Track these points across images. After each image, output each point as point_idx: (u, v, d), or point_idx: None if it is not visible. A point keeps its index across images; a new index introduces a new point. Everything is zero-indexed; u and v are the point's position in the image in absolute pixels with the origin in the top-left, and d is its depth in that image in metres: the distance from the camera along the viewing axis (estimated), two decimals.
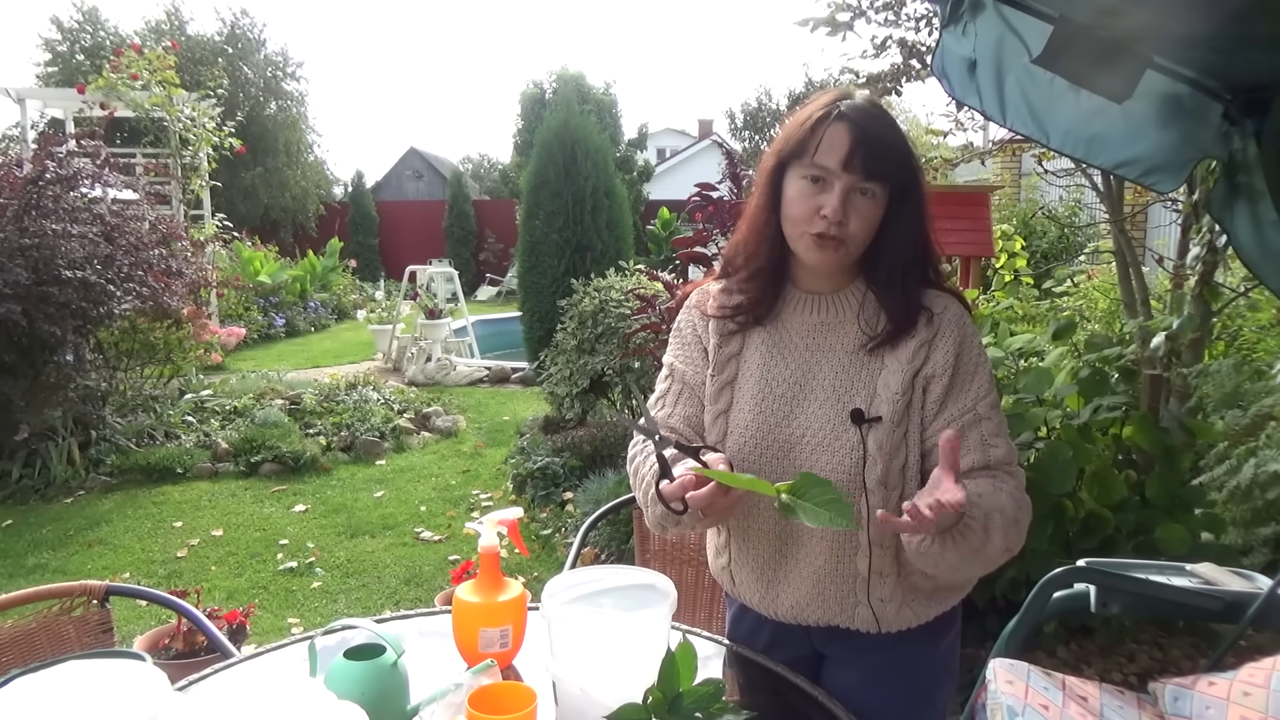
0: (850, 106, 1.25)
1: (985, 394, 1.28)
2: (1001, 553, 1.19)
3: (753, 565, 1.40)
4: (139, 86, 7.76)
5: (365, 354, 10.51)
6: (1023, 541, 1.22)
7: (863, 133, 1.23)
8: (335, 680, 1.17)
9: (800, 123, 1.28)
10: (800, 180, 1.27)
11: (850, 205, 1.24)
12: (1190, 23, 1.63)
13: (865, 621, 1.33)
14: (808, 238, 1.27)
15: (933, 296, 1.32)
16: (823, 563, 1.31)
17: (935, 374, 1.28)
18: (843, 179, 1.23)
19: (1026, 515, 1.23)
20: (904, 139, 1.28)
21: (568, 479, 4.92)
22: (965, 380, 1.28)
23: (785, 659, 1.42)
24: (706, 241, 4.34)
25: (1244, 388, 3.42)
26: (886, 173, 1.24)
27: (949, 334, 1.29)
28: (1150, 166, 1.83)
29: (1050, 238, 8.32)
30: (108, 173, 5.62)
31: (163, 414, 6.12)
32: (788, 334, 1.36)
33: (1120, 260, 3.93)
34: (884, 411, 1.27)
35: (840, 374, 1.31)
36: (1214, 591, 1.80)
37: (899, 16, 3.89)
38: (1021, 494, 1.24)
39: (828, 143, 1.24)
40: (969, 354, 1.29)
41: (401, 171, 31.74)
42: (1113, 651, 2.97)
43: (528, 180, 7.13)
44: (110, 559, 4.26)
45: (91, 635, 1.84)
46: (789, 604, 1.37)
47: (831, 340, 1.34)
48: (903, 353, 1.29)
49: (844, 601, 1.33)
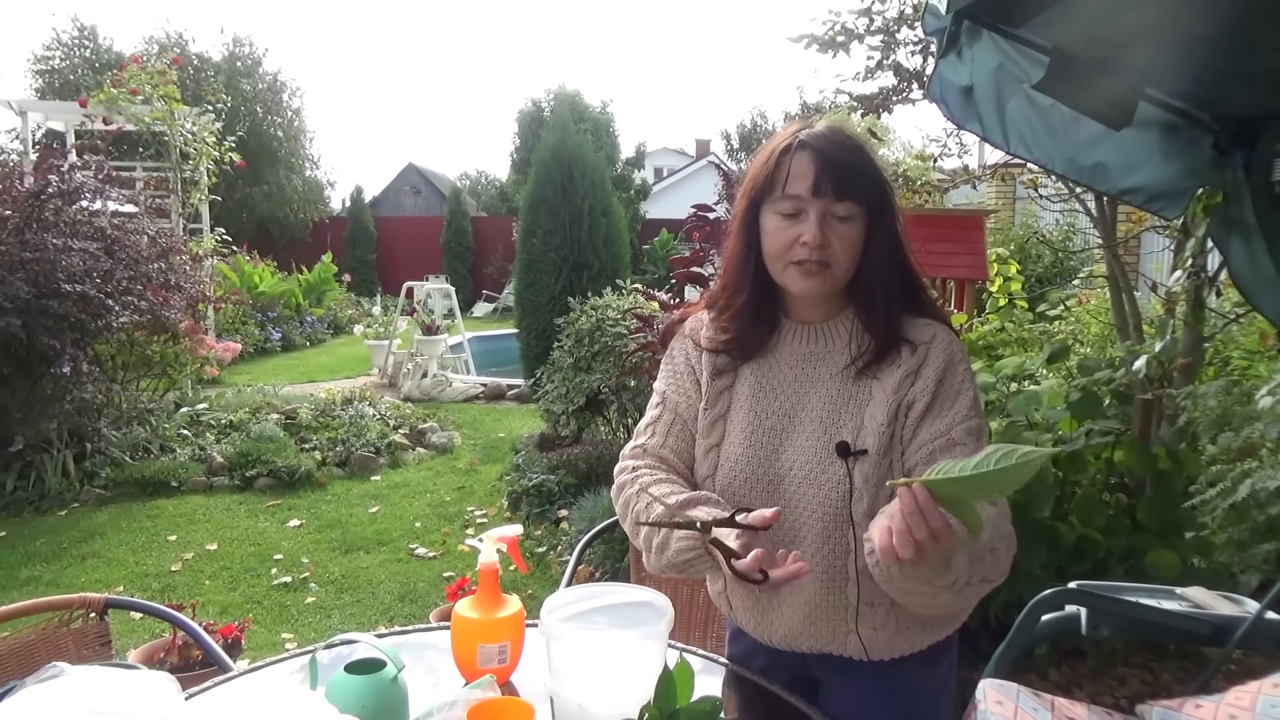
0: (810, 135, 1.27)
1: (963, 419, 1.26)
2: (972, 584, 1.15)
3: (746, 592, 1.40)
4: (140, 100, 7.80)
5: (361, 369, 10.51)
6: (1002, 572, 1.19)
7: (825, 157, 1.24)
8: (336, 694, 1.19)
9: (764, 160, 1.30)
10: (775, 216, 1.28)
11: (829, 230, 1.25)
12: (1178, 56, 1.68)
13: (856, 650, 1.34)
14: (791, 268, 1.27)
15: (920, 325, 1.31)
16: (813, 593, 1.31)
17: (916, 398, 1.27)
18: (816, 204, 1.24)
19: (1006, 545, 1.19)
20: (869, 159, 1.29)
21: (563, 496, 4.93)
22: (945, 404, 1.26)
23: (781, 681, 1.43)
24: (703, 261, 4.38)
25: (1233, 411, 3.45)
26: (857, 192, 1.25)
27: (934, 360, 1.28)
28: (1153, 194, 1.87)
29: (1044, 262, 8.38)
30: (108, 187, 5.64)
31: (158, 427, 6.12)
32: (778, 366, 1.36)
33: (1113, 285, 3.96)
34: (870, 444, 1.26)
35: (828, 405, 1.31)
36: (1202, 615, 1.82)
37: (893, 40, 3.96)
38: (1004, 520, 1.21)
39: (794, 173, 1.25)
40: (952, 378, 1.28)
41: (399, 187, 31.85)
42: (1104, 674, 2.98)
43: (525, 198, 7.18)
44: (104, 572, 4.25)
45: (90, 648, 1.85)
46: (782, 631, 1.38)
47: (820, 370, 1.33)
48: (889, 382, 1.28)
49: (835, 630, 1.33)
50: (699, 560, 1.21)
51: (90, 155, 5.78)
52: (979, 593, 1.18)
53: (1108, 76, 1.75)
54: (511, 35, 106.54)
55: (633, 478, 1.37)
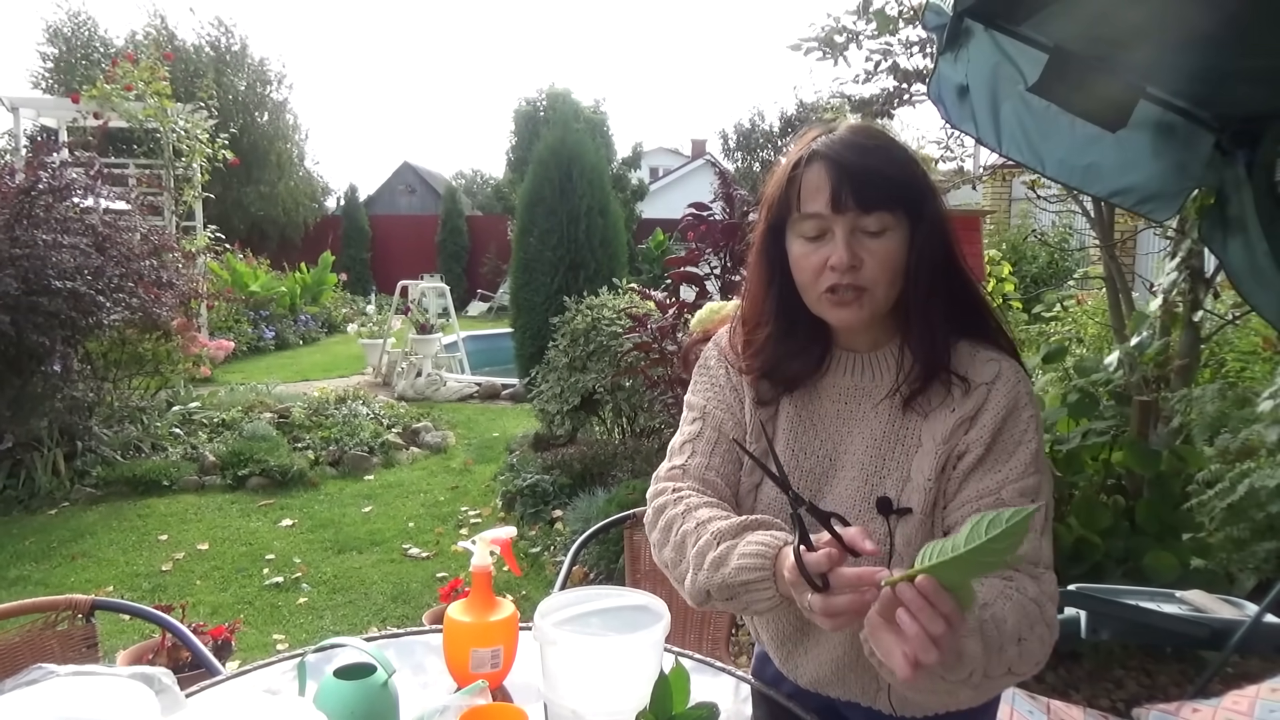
0: (824, 143, 1.11)
1: (1018, 476, 1.08)
2: (991, 677, 0.96)
3: (773, 633, 1.31)
4: (133, 97, 7.76)
5: (355, 368, 10.47)
6: (1037, 663, 1.00)
7: (843, 166, 1.08)
8: (324, 699, 1.16)
9: (778, 180, 1.15)
10: (799, 240, 1.13)
11: (859, 248, 1.08)
12: (1181, 55, 1.66)
13: (887, 706, 1.23)
14: (825, 297, 1.11)
15: (983, 361, 1.14)
16: (844, 651, 1.21)
17: (969, 448, 1.11)
18: (840, 221, 1.08)
19: (1043, 632, 1.00)
20: (899, 159, 1.11)
21: (557, 497, 4.91)
22: (1000, 458, 1.09)
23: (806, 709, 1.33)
24: (698, 261, 4.36)
25: (1228, 413, 3.45)
26: (886, 201, 1.08)
27: (994, 405, 1.11)
28: (1145, 195, 1.85)
29: (1040, 263, 8.39)
30: (100, 184, 5.61)
31: (150, 426, 6.08)
32: (819, 399, 1.21)
33: (1110, 286, 3.96)
34: (915, 502, 1.11)
35: (871, 448, 1.16)
36: (1201, 619, 1.81)
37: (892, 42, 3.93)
38: (1040, 606, 1.02)
39: (809, 188, 1.09)
40: (1013, 428, 1.10)
41: (395, 186, 31.77)
42: (1101, 677, 2.97)
43: (523, 196, 7.15)
44: (94, 572, 4.22)
45: (76, 650, 1.82)
46: (809, 678, 1.29)
47: (864, 406, 1.18)
48: (939, 428, 1.12)
49: (865, 687, 1.23)
50: (760, 584, 1.01)
51: (82, 152, 5.73)
52: (1005, 684, 1.01)
53: (1106, 76, 1.74)
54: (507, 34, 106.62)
55: (676, 498, 1.18)
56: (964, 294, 1.16)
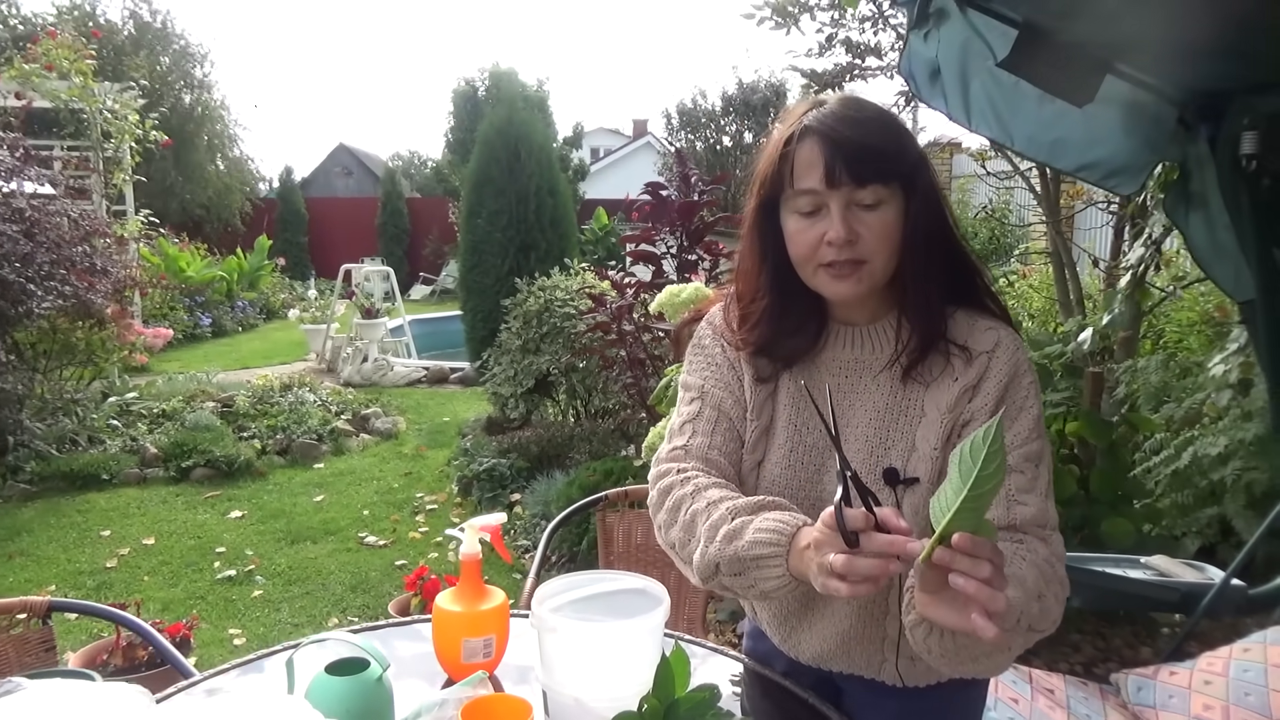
0: (816, 117, 1.10)
1: (1022, 442, 1.10)
2: (1017, 631, 0.97)
3: (776, 609, 1.30)
4: (56, 76, 7.42)
5: (296, 354, 10.24)
6: (1053, 621, 1.02)
7: (835, 140, 1.07)
8: (317, 696, 1.12)
9: (770, 156, 1.13)
10: (794, 216, 1.12)
11: (856, 222, 1.08)
12: (1147, 30, 1.68)
13: (891, 677, 1.24)
14: (822, 272, 1.11)
15: (981, 330, 1.15)
16: (851, 624, 1.21)
17: (973, 416, 1.12)
18: (835, 196, 1.07)
19: (1058, 590, 1.03)
20: (892, 131, 1.12)
21: (515, 480, 4.87)
22: (1004, 424, 1.08)
23: (801, 686, 1.34)
24: (654, 239, 4.35)
25: (1171, 383, 3.56)
26: (881, 173, 1.07)
27: (995, 373, 1.12)
28: (1111, 170, 1.88)
29: (981, 239, 8.54)
30: (26, 167, 5.36)
31: (85, 418, 5.86)
32: (819, 374, 1.20)
33: (1056, 261, 4.05)
34: (921, 471, 1.12)
35: (875, 420, 1.16)
36: (1170, 583, 1.86)
37: (843, 15, 3.95)
38: (1053, 565, 1.04)
39: (802, 164, 1.09)
40: (1015, 394, 1.12)
41: (330, 168, 31.03)
42: (1058, 642, 3.04)
43: (469, 177, 7.04)
44: (34, 571, 4.06)
45: (32, 654, 1.75)
46: (812, 653, 1.28)
47: (865, 380, 1.18)
48: (942, 398, 1.13)
49: (870, 659, 1.24)
50: (772, 559, 0.99)
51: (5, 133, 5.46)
52: (1024, 643, 1.02)
53: (1074, 52, 1.75)
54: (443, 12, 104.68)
55: (683, 479, 1.15)
56: (959, 262, 1.17)
